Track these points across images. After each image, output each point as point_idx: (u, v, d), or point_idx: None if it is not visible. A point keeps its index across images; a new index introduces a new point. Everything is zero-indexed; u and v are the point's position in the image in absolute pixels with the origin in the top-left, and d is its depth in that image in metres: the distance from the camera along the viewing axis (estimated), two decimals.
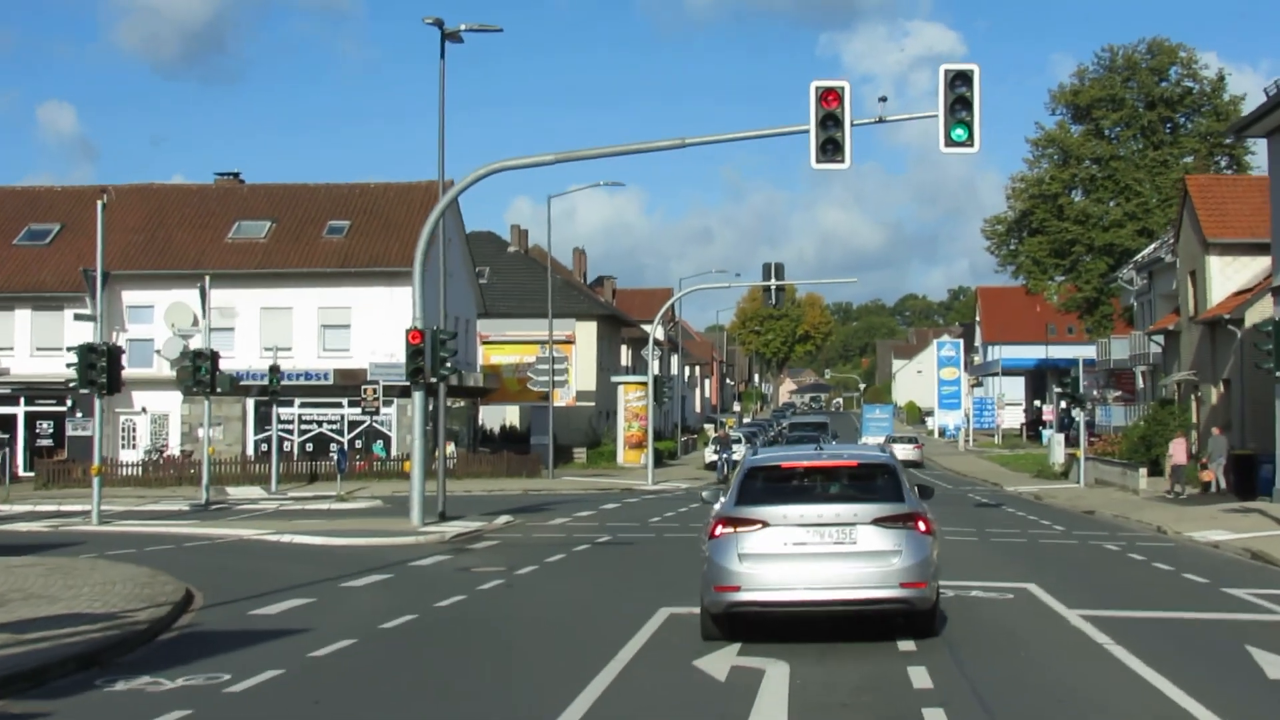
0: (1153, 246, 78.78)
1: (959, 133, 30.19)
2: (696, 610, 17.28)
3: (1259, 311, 49.68)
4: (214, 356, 46.55)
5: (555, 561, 27.48)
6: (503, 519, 38.66)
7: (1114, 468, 56.67)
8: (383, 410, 61.85)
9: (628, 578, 24.56)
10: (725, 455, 66.06)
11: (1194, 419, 56.22)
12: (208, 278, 50.69)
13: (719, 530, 16.32)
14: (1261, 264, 52.82)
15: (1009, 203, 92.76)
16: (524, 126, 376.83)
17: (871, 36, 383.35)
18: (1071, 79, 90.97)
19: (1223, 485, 48.68)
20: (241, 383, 62.66)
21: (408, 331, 35.59)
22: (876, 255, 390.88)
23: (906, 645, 16.21)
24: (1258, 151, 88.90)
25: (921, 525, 16.20)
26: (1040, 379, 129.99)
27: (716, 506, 17.14)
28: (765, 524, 16.09)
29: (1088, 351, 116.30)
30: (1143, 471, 51.87)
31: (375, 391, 57.58)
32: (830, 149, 30.79)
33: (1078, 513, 44.19)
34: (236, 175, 76.38)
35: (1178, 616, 19.42)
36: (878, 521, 16.05)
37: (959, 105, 30.17)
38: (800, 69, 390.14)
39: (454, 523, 36.94)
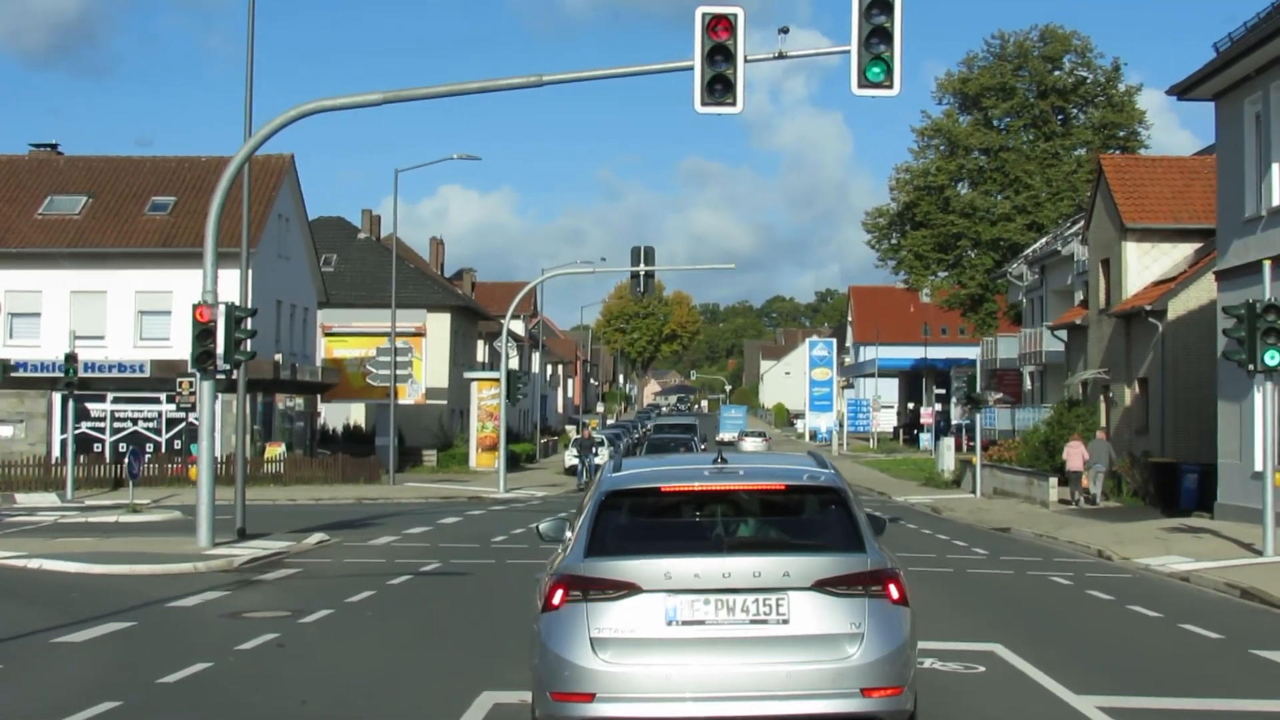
0: (1045, 239, 74.08)
1: (875, 71, 24.80)
2: (531, 698, 10.97)
3: (1184, 302, 44.64)
4: None
5: (359, 602, 21.04)
6: (315, 538, 31.97)
7: (1016, 476, 51.09)
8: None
9: (448, 632, 18.15)
10: (587, 460, 59.67)
11: (1103, 422, 50.90)
12: None
13: (559, 598, 9.95)
14: (1182, 252, 47.84)
15: (892, 194, 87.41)
16: (389, 128, 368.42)
17: (749, 42, 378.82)
18: (960, 66, 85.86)
19: (1097, 493, 44.70)
20: (37, 374, 55.99)
21: (194, 307, 28.97)
22: (747, 258, 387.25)
23: None
24: (1151, 145, 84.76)
25: (893, 591, 9.96)
26: (915, 381, 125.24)
27: (560, 553, 10.81)
28: (635, 588, 9.78)
29: (965, 352, 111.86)
30: (1053, 481, 46.28)
31: (191, 385, 50.83)
32: (719, 88, 25.05)
33: (988, 530, 38.52)
34: (54, 146, 68.93)
35: (1241, 708, 13.41)
36: (823, 586, 9.78)
37: (876, 38, 24.76)
38: (678, 73, 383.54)
39: (253, 543, 30.32)
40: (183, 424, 58.76)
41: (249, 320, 30.04)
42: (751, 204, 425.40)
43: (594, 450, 60.85)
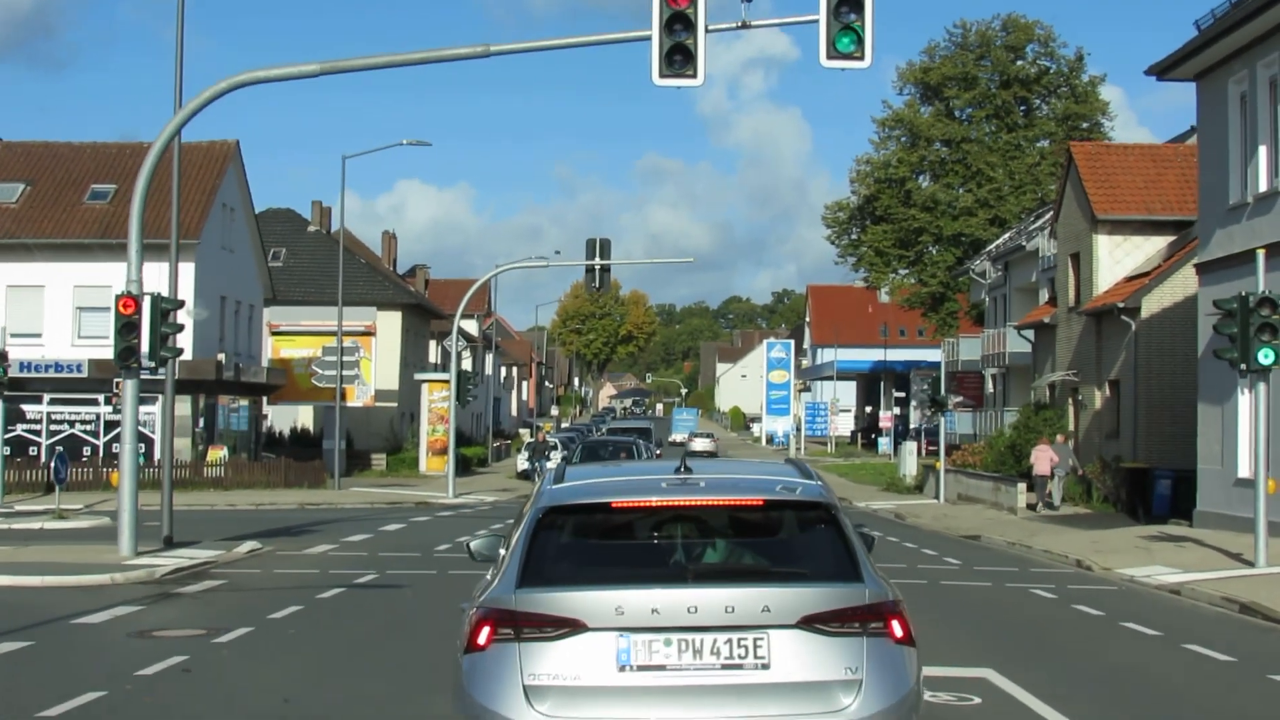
0: (1009, 234, 72.59)
1: (845, 41, 23.32)
2: None
3: (1158, 299, 43.17)
4: None
5: (283, 619, 19.16)
6: (247, 546, 30.06)
7: (982, 482, 49.50)
8: (142, 409, 53.00)
9: (375, 656, 16.24)
10: (540, 465, 57.54)
11: (1071, 425, 49.40)
12: None
13: (485, 637, 8.12)
14: (1155, 245, 46.36)
15: (852, 186, 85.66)
16: (344, 123, 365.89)
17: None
18: (921, 56, 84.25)
19: (1059, 500, 43.52)
20: None
21: (118, 298, 27.18)
22: (705, 257, 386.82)
23: None
24: (1115, 137, 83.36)
25: (896, 628, 8.21)
26: (873, 384, 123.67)
27: (489, 580, 8.90)
28: (579, 625, 7.96)
29: (924, 354, 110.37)
30: (1021, 487, 44.68)
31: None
32: (679, 60, 23.44)
33: (957, 537, 36.84)
34: None
35: None
36: (812, 623, 8.01)
37: (846, 6, 23.27)
38: (637, 66, 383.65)
39: (180, 551, 28.42)
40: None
41: (177, 313, 28.26)
42: (710, 202, 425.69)
43: (548, 454, 58.82)
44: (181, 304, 28.87)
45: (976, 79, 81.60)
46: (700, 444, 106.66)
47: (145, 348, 27.19)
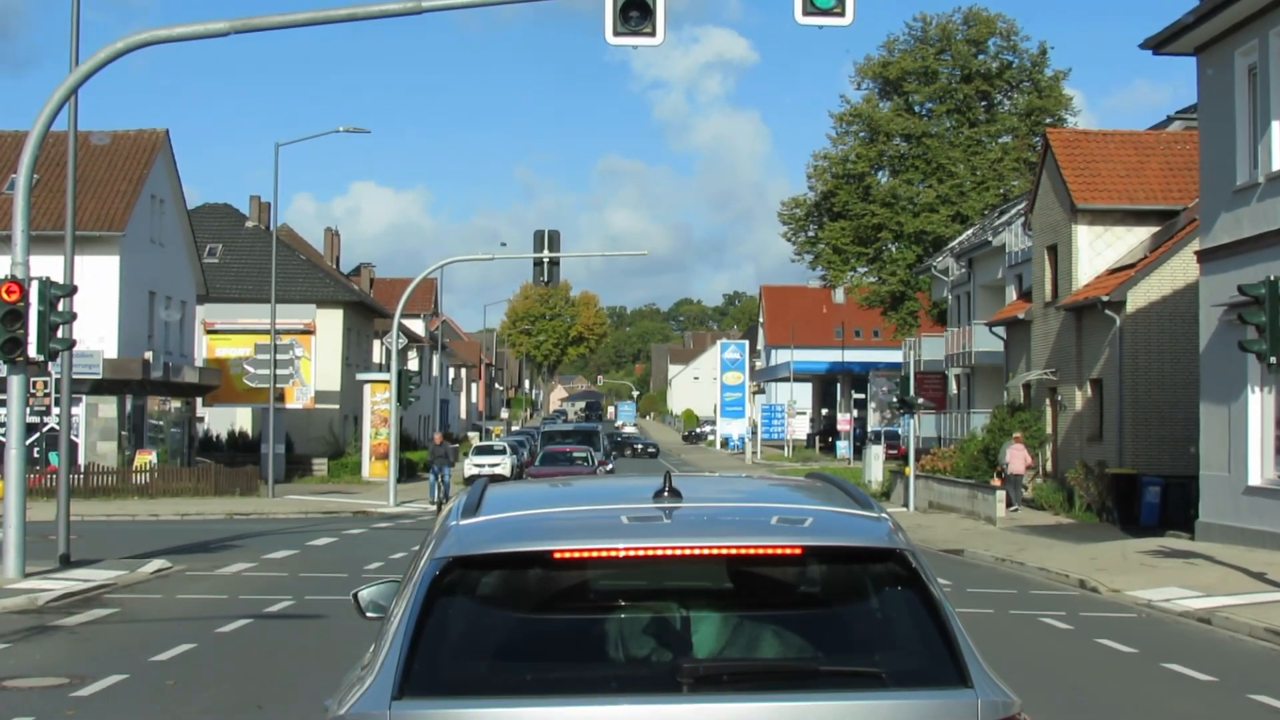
0: (972, 230, 70.04)
1: None
2: None
3: (1144, 292, 40.53)
4: None
5: (166, 662, 15.95)
6: (154, 565, 26.79)
7: (956, 489, 46.63)
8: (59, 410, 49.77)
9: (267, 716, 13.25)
10: (440, 472, 50.86)
11: (1049, 428, 46.69)
12: None
13: None
14: (1137, 236, 43.72)
15: (810, 182, 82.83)
16: (294, 121, 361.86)
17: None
18: (880, 50, 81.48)
19: (1015, 503, 42.09)
20: None
21: (1, 283, 24.19)
22: (661, 259, 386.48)
23: None
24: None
25: None
26: (829, 385, 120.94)
27: (364, 668, 5.49)
28: None
29: (882, 355, 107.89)
30: (999, 495, 41.85)
31: (45, 385, 45.71)
32: (635, 16, 20.72)
33: (938, 551, 33.73)
34: None
35: None
36: None
37: None
38: (599, 64, 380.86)
39: (77, 572, 25.21)
40: (44, 429, 53.30)
41: (70, 300, 25.28)
42: (668, 204, 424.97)
43: (450, 462, 53.38)
44: (74, 290, 25.82)
45: (937, 73, 79.00)
46: (629, 430, 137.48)
47: (33, 339, 24.07)
